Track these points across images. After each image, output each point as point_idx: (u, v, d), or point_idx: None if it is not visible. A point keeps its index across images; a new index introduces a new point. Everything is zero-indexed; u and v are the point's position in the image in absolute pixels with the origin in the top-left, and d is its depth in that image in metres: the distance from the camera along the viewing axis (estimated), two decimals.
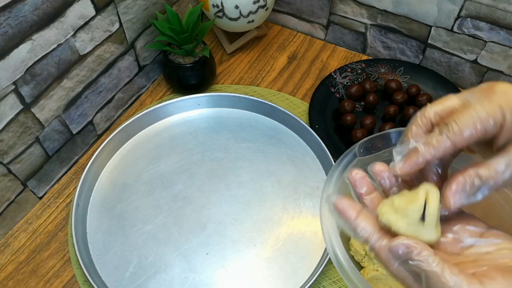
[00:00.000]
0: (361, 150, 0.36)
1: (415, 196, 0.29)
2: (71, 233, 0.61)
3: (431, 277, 0.26)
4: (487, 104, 0.28)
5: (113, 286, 0.58)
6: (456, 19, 0.74)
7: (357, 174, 0.33)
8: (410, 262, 0.27)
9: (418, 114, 0.31)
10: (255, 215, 0.64)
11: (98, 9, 0.64)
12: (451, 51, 0.79)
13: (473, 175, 0.28)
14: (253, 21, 0.80)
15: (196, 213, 0.65)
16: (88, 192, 0.66)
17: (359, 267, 0.57)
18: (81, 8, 0.61)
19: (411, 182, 0.33)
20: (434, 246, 0.29)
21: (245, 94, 0.75)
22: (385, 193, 0.33)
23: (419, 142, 0.29)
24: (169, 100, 0.74)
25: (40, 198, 0.68)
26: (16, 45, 0.54)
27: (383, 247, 0.28)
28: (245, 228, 0.63)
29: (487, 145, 0.31)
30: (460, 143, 0.28)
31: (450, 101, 0.30)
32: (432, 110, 0.30)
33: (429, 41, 0.80)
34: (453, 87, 0.78)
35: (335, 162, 0.38)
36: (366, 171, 0.33)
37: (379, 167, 0.33)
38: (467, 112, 0.28)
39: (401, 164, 0.30)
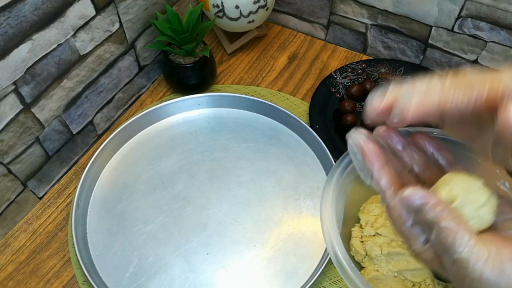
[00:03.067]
0: None
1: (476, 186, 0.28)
2: (71, 233, 0.61)
3: (443, 231, 0.25)
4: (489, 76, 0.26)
5: (113, 286, 0.58)
6: (456, 19, 0.74)
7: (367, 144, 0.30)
8: (423, 213, 0.26)
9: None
10: (255, 215, 0.64)
11: (98, 9, 0.64)
12: (451, 51, 0.79)
13: None
14: (253, 21, 0.80)
15: (196, 213, 0.65)
16: (88, 192, 0.66)
17: (360, 267, 0.57)
18: (81, 8, 0.61)
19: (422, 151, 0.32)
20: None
21: (246, 94, 0.75)
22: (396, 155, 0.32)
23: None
24: (169, 100, 0.74)
25: (40, 198, 0.68)
26: (16, 45, 0.54)
27: (398, 202, 0.27)
28: (245, 228, 0.63)
29: (472, 126, 0.29)
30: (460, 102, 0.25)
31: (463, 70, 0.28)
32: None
33: (430, 41, 0.80)
34: None
35: (335, 162, 0.37)
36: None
37: (383, 128, 0.32)
38: (470, 75, 0.26)
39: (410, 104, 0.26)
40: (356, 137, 0.31)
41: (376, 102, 0.29)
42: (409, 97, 0.27)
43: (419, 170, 0.32)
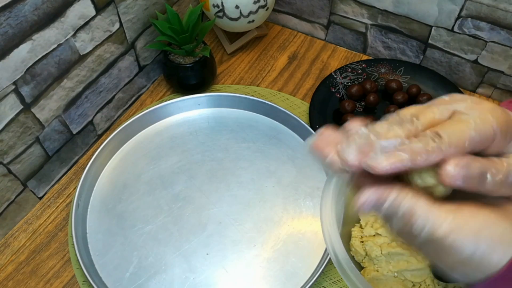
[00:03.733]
0: None
1: None
2: (71, 233, 0.61)
3: (404, 215, 0.26)
4: (480, 121, 0.26)
5: (113, 286, 0.58)
6: (456, 19, 0.74)
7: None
8: (382, 209, 0.27)
9: (406, 114, 0.28)
10: (255, 216, 0.64)
11: (98, 9, 0.64)
12: (451, 51, 0.79)
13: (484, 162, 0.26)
14: (253, 21, 0.80)
15: (196, 213, 0.65)
16: (88, 192, 0.66)
17: (360, 267, 0.57)
18: (81, 8, 0.61)
19: None
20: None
21: (246, 94, 0.75)
22: None
23: (407, 144, 0.26)
24: (169, 100, 0.74)
25: (40, 198, 0.68)
26: (16, 45, 0.54)
27: (359, 208, 0.27)
28: (245, 229, 0.63)
29: None
30: (448, 156, 0.25)
31: (437, 111, 0.28)
32: (420, 121, 0.27)
33: (430, 41, 0.80)
34: (453, 87, 0.78)
35: None
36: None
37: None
38: (458, 127, 0.26)
39: (383, 159, 0.26)
40: (309, 142, 0.30)
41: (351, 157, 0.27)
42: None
43: None
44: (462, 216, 0.26)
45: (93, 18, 0.63)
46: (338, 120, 0.75)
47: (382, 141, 0.26)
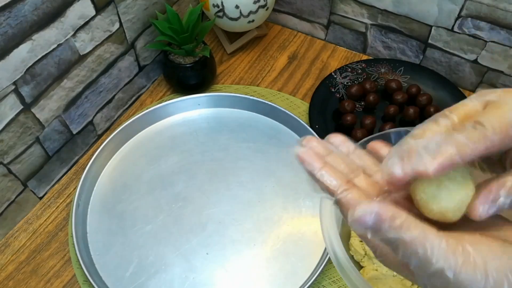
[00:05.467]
0: None
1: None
2: (71, 233, 0.61)
3: (410, 246, 0.23)
4: None
5: (113, 286, 0.58)
6: (456, 19, 0.74)
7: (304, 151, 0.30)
8: (382, 232, 0.23)
9: (438, 114, 0.26)
10: (255, 215, 0.64)
11: (98, 9, 0.64)
12: (451, 51, 0.79)
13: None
14: (253, 21, 0.80)
15: (196, 213, 0.65)
16: (88, 192, 0.66)
17: (359, 266, 0.57)
18: (81, 8, 0.61)
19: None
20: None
21: (245, 94, 0.75)
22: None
23: (450, 137, 0.23)
24: (169, 100, 0.75)
25: (40, 198, 0.68)
26: (16, 45, 0.54)
27: (352, 223, 0.24)
28: (245, 228, 0.63)
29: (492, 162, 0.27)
30: (494, 144, 0.23)
31: (470, 103, 0.26)
32: (454, 114, 0.25)
33: (430, 41, 0.80)
34: (453, 87, 0.78)
35: None
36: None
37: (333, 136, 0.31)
38: (498, 111, 0.24)
39: (430, 159, 0.23)
40: (295, 151, 0.30)
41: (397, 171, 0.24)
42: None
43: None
44: (468, 248, 0.23)
45: (93, 18, 0.63)
46: (338, 120, 0.75)
47: (421, 141, 0.23)
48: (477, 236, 0.24)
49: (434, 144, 0.23)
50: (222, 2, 0.76)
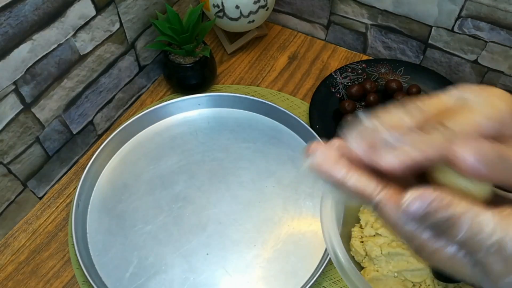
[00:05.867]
0: None
1: None
2: (71, 233, 0.61)
3: (470, 226, 0.22)
4: (488, 106, 0.24)
5: (113, 286, 0.58)
6: (456, 19, 0.74)
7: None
8: (437, 217, 0.22)
9: (412, 105, 0.25)
10: (255, 216, 0.64)
11: (99, 9, 0.64)
12: (451, 51, 0.79)
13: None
14: (253, 21, 0.80)
15: (196, 214, 0.65)
16: (88, 192, 0.66)
17: (360, 267, 0.57)
18: (82, 8, 0.61)
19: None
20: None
21: (246, 94, 0.75)
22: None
23: (415, 137, 0.23)
24: (169, 100, 0.74)
25: (40, 198, 0.68)
26: (17, 45, 0.54)
27: (400, 215, 0.23)
28: (245, 229, 0.63)
29: None
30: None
31: (446, 99, 0.25)
32: (427, 108, 0.25)
33: (430, 41, 0.80)
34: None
35: None
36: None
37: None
38: (467, 115, 0.24)
39: (391, 156, 0.23)
40: (307, 163, 0.26)
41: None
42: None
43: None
44: None
45: (93, 18, 0.63)
46: (338, 120, 0.75)
47: (387, 135, 0.24)
48: None
49: (399, 141, 0.23)
50: (222, 2, 0.76)
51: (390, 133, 0.24)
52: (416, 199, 0.22)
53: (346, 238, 0.59)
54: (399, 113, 0.25)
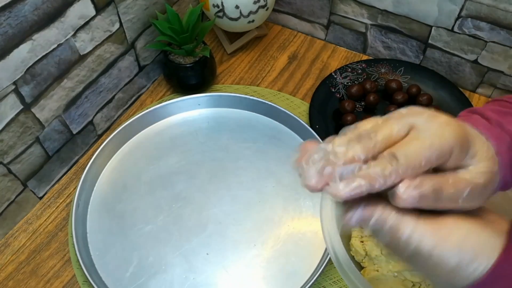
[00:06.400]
0: None
1: None
2: (71, 233, 0.61)
3: (390, 231, 0.27)
4: (436, 138, 0.27)
5: (113, 286, 0.58)
6: (456, 19, 0.74)
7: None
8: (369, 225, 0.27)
9: (364, 133, 0.28)
10: (255, 216, 0.64)
11: (98, 9, 0.64)
12: (451, 51, 0.79)
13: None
14: (253, 21, 0.80)
15: (197, 214, 0.65)
16: (88, 192, 0.66)
17: (360, 267, 0.57)
18: (81, 8, 0.61)
19: None
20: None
21: (246, 94, 0.75)
22: None
23: (365, 169, 0.26)
24: (169, 100, 0.74)
25: (40, 198, 0.68)
26: (16, 45, 0.54)
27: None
28: (245, 229, 0.63)
29: None
30: (406, 177, 0.26)
31: (395, 127, 0.28)
32: (378, 136, 0.27)
33: (430, 41, 0.80)
34: (453, 87, 0.78)
35: None
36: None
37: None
38: (416, 145, 0.26)
39: (343, 186, 0.26)
40: (292, 158, 0.30)
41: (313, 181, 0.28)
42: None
43: None
44: (446, 228, 0.27)
45: (93, 18, 0.63)
46: (338, 120, 0.75)
47: (340, 168, 0.26)
48: (459, 217, 0.28)
49: (351, 172, 0.26)
50: (222, 2, 0.76)
51: (344, 167, 0.27)
52: (355, 213, 0.27)
53: (346, 238, 0.59)
54: (352, 143, 0.27)
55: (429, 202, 0.26)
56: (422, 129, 0.27)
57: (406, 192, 0.26)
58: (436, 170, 0.28)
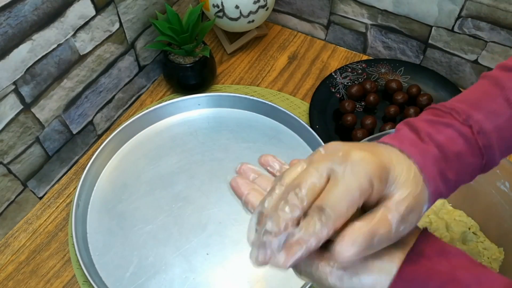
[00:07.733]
0: None
1: None
2: (71, 233, 0.61)
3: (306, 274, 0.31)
4: (354, 179, 0.27)
5: (113, 286, 0.58)
6: (456, 19, 0.74)
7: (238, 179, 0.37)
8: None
9: (289, 187, 0.29)
10: None
11: (98, 9, 0.64)
12: (451, 51, 0.79)
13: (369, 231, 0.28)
14: (253, 21, 0.80)
15: (197, 213, 0.65)
16: (88, 192, 0.66)
17: None
18: (81, 8, 0.61)
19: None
20: None
21: (246, 94, 0.75)
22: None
23: (298, 235, 0.27)
24: (169, 100, 0.74)
25: (40, 198, 0.68)
26: (16, 45, 0.54)
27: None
28: (245, 228, 0.63)
29: None
30: (337, 225, 0.27)
31: (316, 175, 0.29)
32: (303, 190, 0.28)
33: (430, 41, 0.80)
34: (454, 87, 0.78)
35: None
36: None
37: (266, 158, 0.39)
38: (338, 192, 0.27)
39: (284, 257, 0.28)
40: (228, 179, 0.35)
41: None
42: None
43: None
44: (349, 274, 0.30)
45: (93, 18, 0.63)
46: (338, 120, 0.75)
47: (276, 241, 0.28)
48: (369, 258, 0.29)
49: (286, 241, 0.28)
50: (222, 2, 0.76)
51: (278, 238, 0.28)
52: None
53: None
54: (285, 212, 0.28)
55: (366, 252, 0.27)
56: (339, 173, 0.28)
57: (343, 253, 0.27)
58: (364, 206, 0.29)
